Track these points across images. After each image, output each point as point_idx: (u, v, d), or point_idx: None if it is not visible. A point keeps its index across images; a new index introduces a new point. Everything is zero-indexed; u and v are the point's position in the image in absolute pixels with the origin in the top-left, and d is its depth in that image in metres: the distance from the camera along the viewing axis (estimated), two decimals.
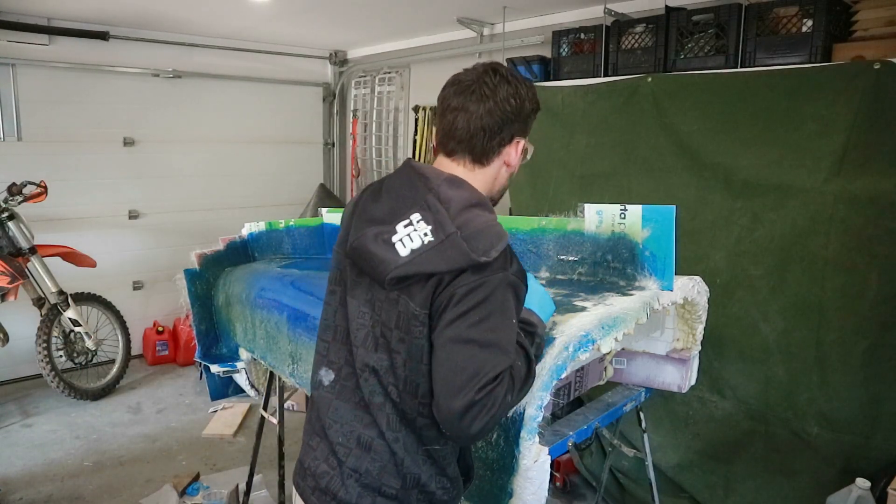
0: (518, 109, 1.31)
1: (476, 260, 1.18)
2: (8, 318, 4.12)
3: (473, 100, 1.29)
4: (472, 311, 1.18)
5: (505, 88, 1.30)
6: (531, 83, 1.39)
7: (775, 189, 2.60)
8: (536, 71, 3.55)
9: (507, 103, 1.30)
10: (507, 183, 1.42)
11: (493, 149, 1.33)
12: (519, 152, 1.37)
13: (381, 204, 1.31)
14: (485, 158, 1.33)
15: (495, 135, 1.31)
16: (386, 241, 1.23)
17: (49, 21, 4.41)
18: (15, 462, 3.51)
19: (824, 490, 2.20)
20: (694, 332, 2.20)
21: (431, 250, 1.20)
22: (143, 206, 5.03)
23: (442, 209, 1.22)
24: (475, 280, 1.19)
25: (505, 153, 1.35)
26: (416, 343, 1.24)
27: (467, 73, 1.34)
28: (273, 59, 5.47)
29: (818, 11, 2.52)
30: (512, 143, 1.35)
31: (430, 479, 1.30)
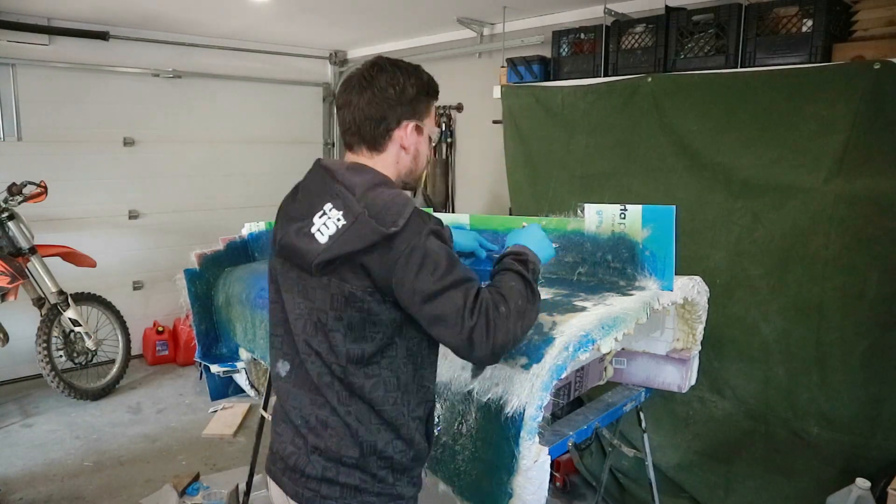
0: (399, 95, 1.39)
1: (385, 232, 1.26)
2: (8, 318, 4.12)
3: (355, 93, 1.39)
4: (421, 273, 1.26)
5: (383, 77, 1.40)
6: (417, 68, 1.47)
7: (775, 189, 2.60)
8: (536, 71, 3.55)
9: (385, 91, 1.38)
10: (414, 166, 1.48)
11: (382, 135, 1.40)
12: (411, 134, 1.43)
13: (298, 203, 1.42)
14: (378, 145, 1.41)
15: (380, 122, 1.39)
16: (306, 234, 1.32)
17: (49, 21, 4.41)
18: (15, 462, 3.51)
19: (824, 490, 2.20)
20: (694, 332, 2.20)
21: (346, 233, 1.28)
22: (143, 206, 5.03)
23: (348, 194, 1.31)
24: (396, 248, 1.27)
25: (397, 137, 1.42)
26: (357, 317, 1.32)
27: (355, 70, 1.45)
28: (273, 59, 5.47)
29: (818, 11, 2.52)
30: (400, 126, 1.41)
31: (387, 445, 1.38)
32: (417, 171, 1.50)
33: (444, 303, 1.27)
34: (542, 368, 1.53)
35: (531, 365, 1.55)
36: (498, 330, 1.27)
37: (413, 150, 1.45)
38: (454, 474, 1.70)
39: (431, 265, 1.27)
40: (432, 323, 1.30)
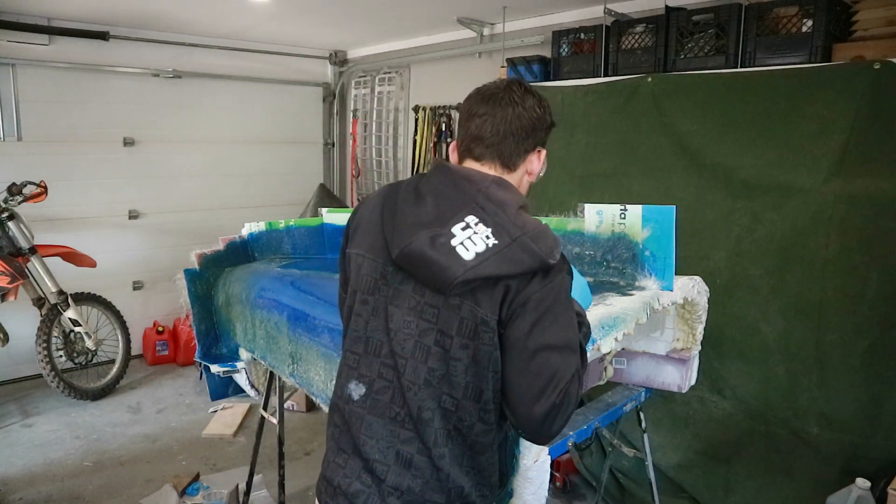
0: (541, 118, 1.35)
1: (547, 262, 1.18)
2: (8, 318, 4.12)
3: (502, 105, 1.31)
4: (546, 316, 1.19)
5: (530, 98, 1.34)
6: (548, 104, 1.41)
7: (775, 189, 2.60)
8: (536, 71, 3.55)
9: (533, 111, 1.33)
10: (526, 194, 1.42)
11: (520, 154, 1.34)
12: (541, 161, 1.39)
13: (424, 207, 1.25)
14: (512, 163, 1.34)
15: (523, 140, 1.33)
16: (445, 245, 1.19)
17: (49, 21, 4.41)
18: (15, 462, 3.51)
19: (824, 490, 2.20)
20: (694, 332, 2.20)
21: (498, 254, 1.17)
22: (143, 206, 5.03)
23: (499, 211, 1.21)
24: (546, 284, 1.20)
25: (529, 160, 1.37)
26: (485, 350, 1.22)
27: (493, 85, 1.37)
28: (273, 59, 5.47)
29: (818, 11, 2.52)
30: (535, 151, 1.37)
31: (473, 489, 1.29)
32: None
33: (543, 360, 1.18)
34: None
35: None
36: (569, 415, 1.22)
37: (534, 177, 1.41)
38: None
39: (556, 315, 1.20)
40: (518, 371, 1.20)
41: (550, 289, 1.20)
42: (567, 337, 1.21)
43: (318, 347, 2.27)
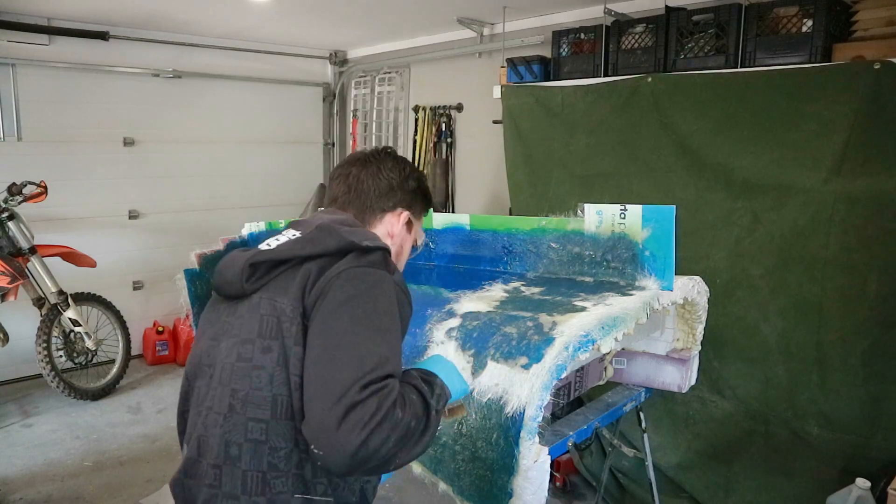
0: (401, 182, 1.40)
1: (354, 242, 1.13)
2: (8, 318, 4.12)
3: (358, 166, 1.40)
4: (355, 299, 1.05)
5: (390, 161, 1.42)
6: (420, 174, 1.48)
7: (775, 189, 2.60)
8: (536, 71, 3.55)
9: (391, 171, 1.40)
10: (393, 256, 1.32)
11: (377, 210, 1.38)
12: (401, 225, 1.41)
13: None
14: (371, 217, 1.38)
15: (378, 198, 1.38)
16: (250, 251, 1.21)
17: (49, 21, 4.41)
18: (15, 462, 3.51)
19: (824, 490, 2.20)
20: (694, 332, 2.20)
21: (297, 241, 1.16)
22: (143, 206, 5.03)
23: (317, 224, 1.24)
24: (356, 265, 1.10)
25: (387, 221, 1.40)
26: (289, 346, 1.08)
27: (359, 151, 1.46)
28: (273, 59, 5.47)
29: (818, 11, 2.52)
30: (394, 212, 1.41)
31: None
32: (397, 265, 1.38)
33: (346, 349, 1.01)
34: (542, 368, 1.53)
35: (531, 365, 1.55)
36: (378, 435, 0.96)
37: (398, 242, 1.42)
38: (454, 474, 1.70)
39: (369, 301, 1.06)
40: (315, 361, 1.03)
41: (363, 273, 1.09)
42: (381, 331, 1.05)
43: None
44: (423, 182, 1.47)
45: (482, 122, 4.39)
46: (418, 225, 1.47)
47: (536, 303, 1.88)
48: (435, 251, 2.34)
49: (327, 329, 1.04)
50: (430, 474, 1.78)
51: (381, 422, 0.97)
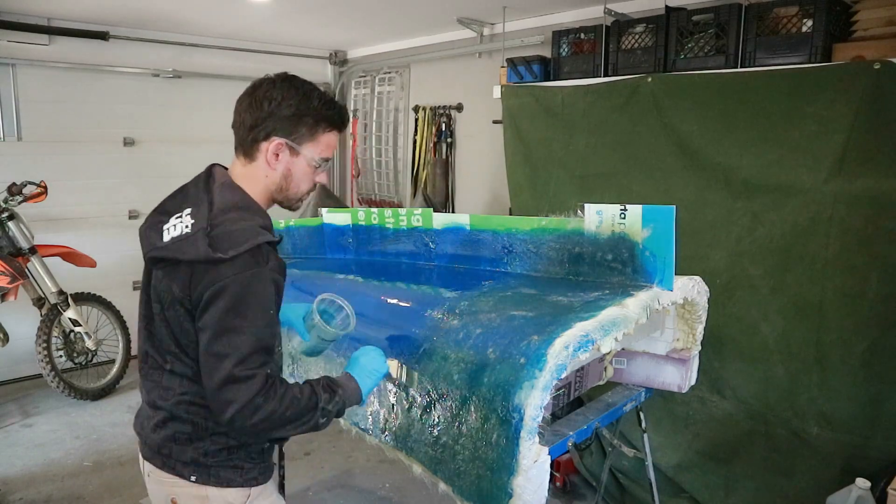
0: (272, 110, 1.41)
1: (211, 256, 1.29)
2: (8, 318, 4.12)
3: (241, 98, 1.47)
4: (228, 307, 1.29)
5: (265, 89, 1.43)
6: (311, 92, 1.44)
7: (775, 189, 2.60)
8: (536, 71, 3.55)
9: (261, 102, 1.42)
10: (285, 185, 1.48)
11: (249, 143, 1.44)
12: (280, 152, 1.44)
13: (174, 199, 1.48)
14: (247, 153, 1.46)
15: (250, 129, 1.43)
16: (157, 229, 1.41)
17: (49, 21, 4.41)
18: (15, 462, 3.51)
19: (824, 490, 2.20)
20: (694, 332, 2.20)
21: (183, 240, 1.34)
22: (143, 206, 5.03)
23: (206, 208, 1.37)
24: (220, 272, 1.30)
25: (263, 149, 1.44)
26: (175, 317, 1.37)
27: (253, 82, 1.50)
28: (273, 59, 5.47)
29: (818, 11, 2.52)
30: (268, 140, 1.43)
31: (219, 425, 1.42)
32: (290, 193, 1.50)
33: (223, 341, 1.29)
34: (542, 368, 1.53)
35: (531, 364, 1.55)
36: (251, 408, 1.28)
37: (283, 169, 1.46)
38: (454, 474, 1.70)
39: (238, 304, 1.30)
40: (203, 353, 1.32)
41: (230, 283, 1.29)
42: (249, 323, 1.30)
43: None
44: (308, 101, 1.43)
45: (482, 122, 4.39)
46: (310, 147, 1.45)
47: (536, 303, 1.88)
48: (435, 251, 2.34)
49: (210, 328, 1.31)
50: (430, 474, 1.78)
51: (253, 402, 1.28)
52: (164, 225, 1.40)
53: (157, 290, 1.40)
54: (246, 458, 1.48)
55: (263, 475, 1.52)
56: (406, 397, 1.87)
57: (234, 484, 1.46)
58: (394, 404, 1.91)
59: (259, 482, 1.50)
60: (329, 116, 1.46)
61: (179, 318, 1.37)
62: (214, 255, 1.30)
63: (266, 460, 1.55)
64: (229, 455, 1.45)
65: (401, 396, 1.89)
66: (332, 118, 1.47)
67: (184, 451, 1.44)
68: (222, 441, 1.44)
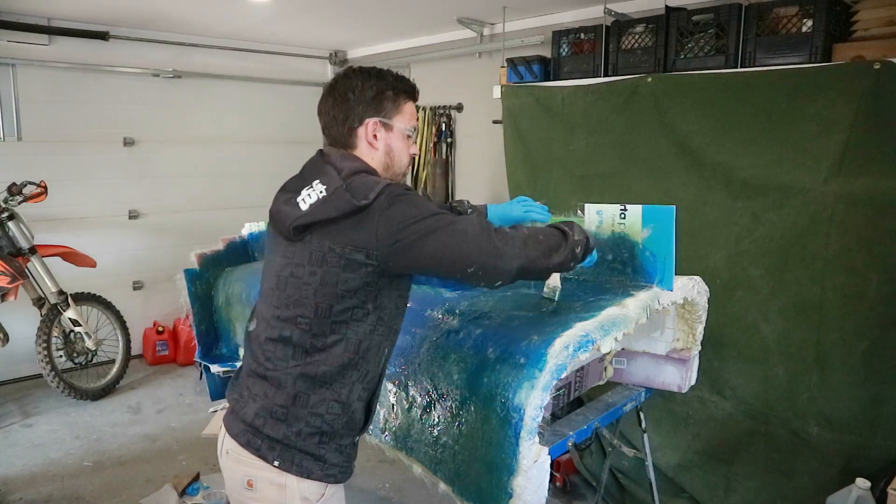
0: (357, 97, 1.51)
1: (356, 204, 1.36)
2: (8, 318, 4.12)
3: (323, 100, 1.57)
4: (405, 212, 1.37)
5: (342, 84, 1.53)
6: (380, 72, 1.55)
7: (775, 189, 2.60)
8: (536, 71, 3.55)
9: (344, 94, 1.52)
10: (389, 161, 1.56)
11: (347, 133, 1.53)
12: (377, 130, 1.52)
13: (294, 180, 1.54)
14: (347, 143, 1.54)
15: (343, 122, 1.52)
16: (291, 203, 1.45)
17: (49, 21, 4.41)
18: (15, 462, 3.51)
19: (824, 490, 2.20)
20: (694, 332, 2.21)
21: (324, 202, 1.40)
22: (143, 206, 5.03)
23: (335, 173, 1.44)
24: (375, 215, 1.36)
25: (362, 134, 1.52)
26: (331, 271, 1.39)
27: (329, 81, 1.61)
28: (273, 59, 5.47)
29: (818, 11, 2.52)
30: (363, 124, 1.52)
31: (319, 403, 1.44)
32: (395, 167, 1.58)
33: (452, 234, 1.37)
34: (542, 368, 1.53)
35: (531, 365, 1.55)
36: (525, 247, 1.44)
37: (384, 146, 1.54)
38: (454, 474, 1.70)
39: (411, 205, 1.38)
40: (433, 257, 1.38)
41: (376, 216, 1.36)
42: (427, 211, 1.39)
43: None
44: (383, 80, 1.53)
45: (482, 122, 4.39)
46: (399, 119, 1.55)
47: (536, 303, 1.88)
48: None
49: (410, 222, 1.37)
50: (430, 474, 1.79)
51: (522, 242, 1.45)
52: (296, 198, 1.45)
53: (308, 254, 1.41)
54: (335, 450, 1.47)
55: (343, 473, 1.51)
56: (406, 397, 1.87)
57: (313, 476, 1.44)
58: (394, 404, 1.91)
59: (337, 480, 1.49)
60: (405, 87, 1.56)
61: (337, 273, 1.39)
62: (359, 202, 1.35)
63: (351, 458, 1.54)
64: (321, 441, 1.45)
65: (401, 396, 1.89)
66: (408, 88, 1.57)
67: (277, 427, 1.44)
68: (317, 424, 1.44)
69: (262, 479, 1.45)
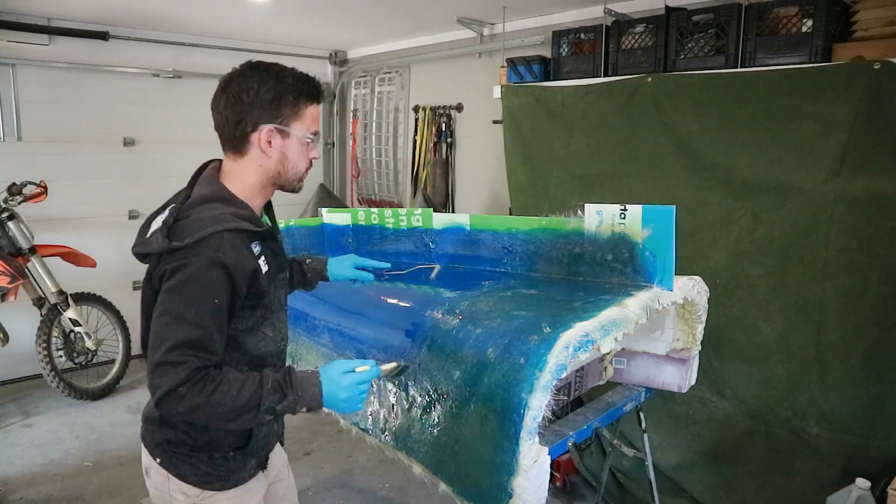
0: (252, 100, 1.41)
1: (167, 246, 1.33)
2: (8, 318, 4.12)
3: (217, 96, 1.46)
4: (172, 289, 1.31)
5: (238, 82, 1.44)
6: (281, 71, 1.48)
7: (775, 189, 2.60)
8: (536, 71, 3.55)
9: (238, 96, 1.42)
10: (282, 169, 1.47)
11: (239, 139, 1.43)
12: (272, 137, 1.43)
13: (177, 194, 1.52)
14: (238, 148, 1.44)
15: (236, 125, 1.42)
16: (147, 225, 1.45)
17: (49, 21, 4.41)
18: (15, 462, 3.51)
19: (824, 490, 2.20)
20: (694, 332, 2.21)
21: (154, 234, 1.38)
22: (143, 206, 5.02)
23: (180, 203, 1.41)
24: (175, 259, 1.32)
25: (254, 140, 1.43)
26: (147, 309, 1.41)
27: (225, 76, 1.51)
28: (273, 59, 5.42)
29: (818, 11, 2.52)
30: (257, 130, 1.42)
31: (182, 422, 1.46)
32: (289, 175, 1.48)
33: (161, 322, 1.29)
34: (542, 368, 1.53)
35: (531, 365, 1.55)
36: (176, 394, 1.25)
37: (278, 154, 1.44)
38: (454, 474, 1.70)
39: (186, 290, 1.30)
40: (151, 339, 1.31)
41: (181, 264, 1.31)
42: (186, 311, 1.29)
43: (317, 347, 2.27)
44: (282, 82, 1.45)
45: (482, 122, 4.39)
46: (298, 125, 1.45)
47: (536, 303, 1.88)
48: (435, 251, 2.34)
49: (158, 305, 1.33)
50: (430, 474, 1.79)
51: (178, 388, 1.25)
52: (153, 220, 1.44)
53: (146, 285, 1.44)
54: (206, 460, 1.49)
55: (222, 481, 1.51)
56: (406, 397, 1.87)
57: (188, 480, 1.49)
58: (394, 404, 1.91)
59: (215, 488, 1.51)
60: (307, 90, 1.47)
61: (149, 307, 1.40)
62: (171, 244, 1.33)
63: (231, 469, 1.52)
64: (190, 452, 1.48)
65: (401, 396, 1.89)
66: (311, 91, 1.48)
67: (154, 433, 1.51)
68: (182, 437, 1.47)
69: (153, 468, 1.53)
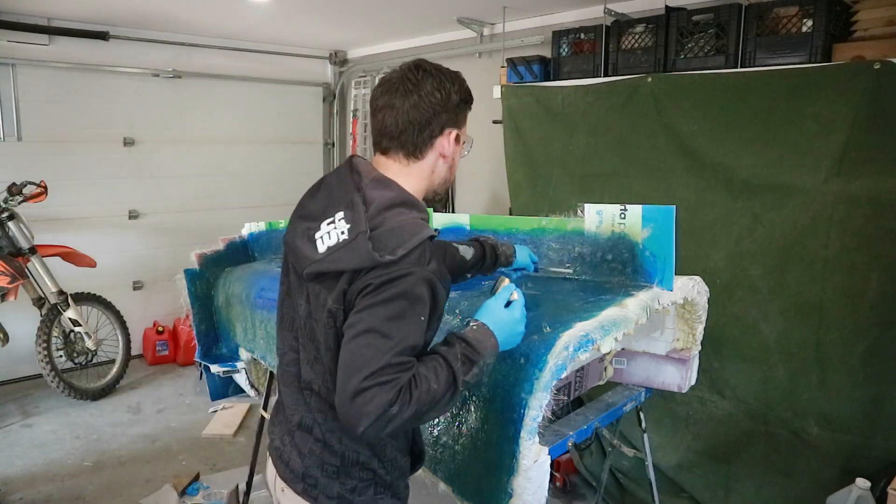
0: (444, 101, 1.33)
1: (378, 260, 1.19)
2: (8, 318, 4.12)
3: (399, 96, 1.32)
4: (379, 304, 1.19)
5: (429, 82, 1.33)
6: (458, 75, 1.40)
7: (775, 189, 2.60)
8: (536, 71, 3.55)
9: (431, 96, 1.32)
10: (448, 175, 1.43)
11: (425, 141, 1.34)
12: (452, 143, 1.38)
13: (316, 200, 1.37)
14: (418, 152, 1.35)
15: (424, 128, 1.32)
16: (310, 238, 1.29)
17: (49, 21, 4.41)
18: (15, 462, 3.51)
19: (824, 490, 2.20)
20: (694, 332, 2.20)
21: (343, 248, 1.24)
22: (143, 206, 5.03)
23: (362, 209, 1.26)
24: (384, 274, 1.20)
25: (438, 145, 1.36)
26: (329, 334, 1.28)
27: (393, 72, 1.37)
28: (273, 59, 5.47)
29: (818, 11, 2.52)
30: (443, 134, 1.36)
31: (370, 459, 1.36)
32: (450, 181, 1.45)
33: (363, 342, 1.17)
34: (541, 368, 1.53)
35: (531, 365, 1.55)
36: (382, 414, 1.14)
37: (450, 160, 1.40)
38: (454, 474, 1.70)
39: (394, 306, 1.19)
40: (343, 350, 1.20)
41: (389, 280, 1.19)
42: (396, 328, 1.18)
43: None
44: (463, 86, 1.38)
45: (482, 122, 4.38)
46: (465, 130, 1.41)
47: (536, 303, 1.88)
48: None
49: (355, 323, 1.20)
50: (430, 474, 1.78)
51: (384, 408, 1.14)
52: (315, 233, 1.28)
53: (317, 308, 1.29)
54: (392, 497, 1.40)
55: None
56: None
57: None
58: None
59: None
60: (472, 96, 1.41)
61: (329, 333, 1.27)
62: (383, 258, 1.19)
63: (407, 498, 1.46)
64: (376, 493, 1.37)
65: None
66: (472, 97, 1.43)
67: (330, 485, 1.35)
68: (369, 476, 1.36)
69: None
